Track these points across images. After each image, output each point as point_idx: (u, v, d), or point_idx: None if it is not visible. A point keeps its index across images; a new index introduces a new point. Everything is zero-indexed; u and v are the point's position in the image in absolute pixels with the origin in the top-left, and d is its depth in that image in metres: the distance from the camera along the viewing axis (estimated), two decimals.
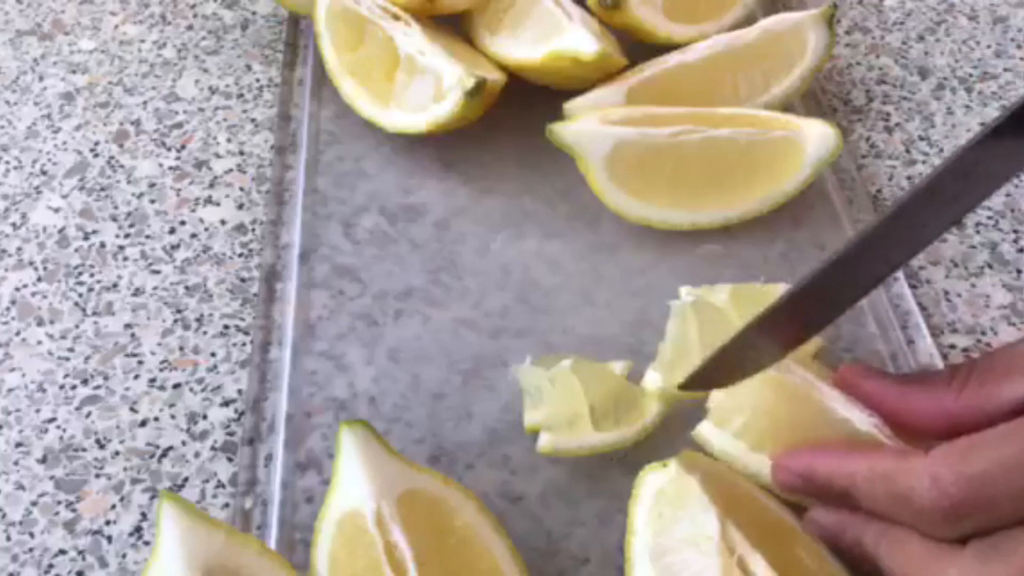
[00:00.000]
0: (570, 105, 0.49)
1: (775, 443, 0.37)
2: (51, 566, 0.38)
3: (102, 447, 0.41)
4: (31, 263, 0.48)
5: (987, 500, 0.29)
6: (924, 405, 0.34)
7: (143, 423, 0.42)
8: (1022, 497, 0.29)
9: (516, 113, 0.51)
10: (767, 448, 0.37)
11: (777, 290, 0.41)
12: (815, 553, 0.35)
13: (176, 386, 0.43)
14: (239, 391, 0.43)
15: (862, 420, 0.36)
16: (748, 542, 0.33)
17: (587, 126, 0.46)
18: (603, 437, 0.39)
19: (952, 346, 0.45)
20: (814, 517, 0.36)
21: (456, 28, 0.54)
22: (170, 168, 0.52)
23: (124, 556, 0.38)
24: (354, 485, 0.35)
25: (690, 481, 0.35)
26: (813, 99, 0.55)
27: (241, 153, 0.53)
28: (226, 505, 0.40)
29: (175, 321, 0.45)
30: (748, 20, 0.54)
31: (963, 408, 0.33)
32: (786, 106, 0.51)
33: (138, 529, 0.39)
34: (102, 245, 0.48)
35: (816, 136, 0.47)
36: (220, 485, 0.40)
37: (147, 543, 0.39)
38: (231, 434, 0.42)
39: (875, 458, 0.33)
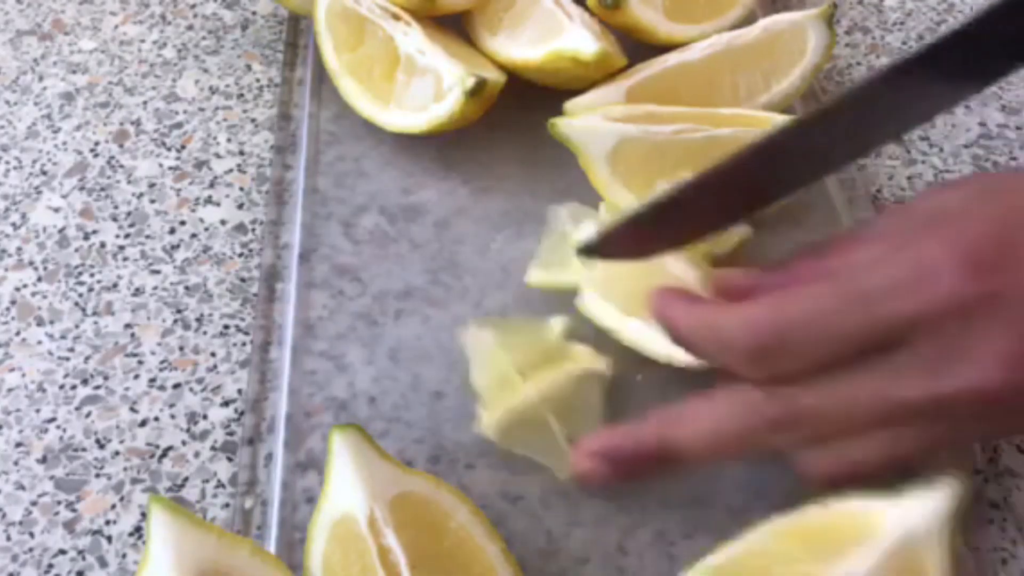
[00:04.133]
0: (570, 105, 0.49)
1: (618, 292, 0.40)
2: (51, 566, 0.38)
3: (102, 447, 0.41)
4: (31, 263, 0.48)
5: (790, 343, 0.33)
6: (775, 284, 0.37)
7: (143, 423, 0.42)
8: (817, 344, 0.33)
9: (516, 113, 0.51)
10: (614, 301, 0.40)
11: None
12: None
13: (176, 386, 0.43)
14: (239, 391, 0.43)
15: (685, 273, 0.39)
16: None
17: (590, 122, 0.46)
18: (534, 389, 0.40)
19: None
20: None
21: (456, 28, 0.54)
22: (170, 168, 0.52)
23: (124, 556, 0.38)
24: (346, 489, 0.35)
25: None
26: (813, 99, 0.55)
27: (241, 153, 0.53)
28: (226, 505, 0.40)
29: (175, 321, 0.45)
30: (748, 20, 0.54)
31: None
32: (786, 106, 0.51)
33: (138, 529, 0.39)
34: (102, 245, 0.48)
35: None
36: (220, 485, 0.40)
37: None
38: (231, 434, 0.42)
39: (705, 306, 0.36)
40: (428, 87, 0.49)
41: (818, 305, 0.33)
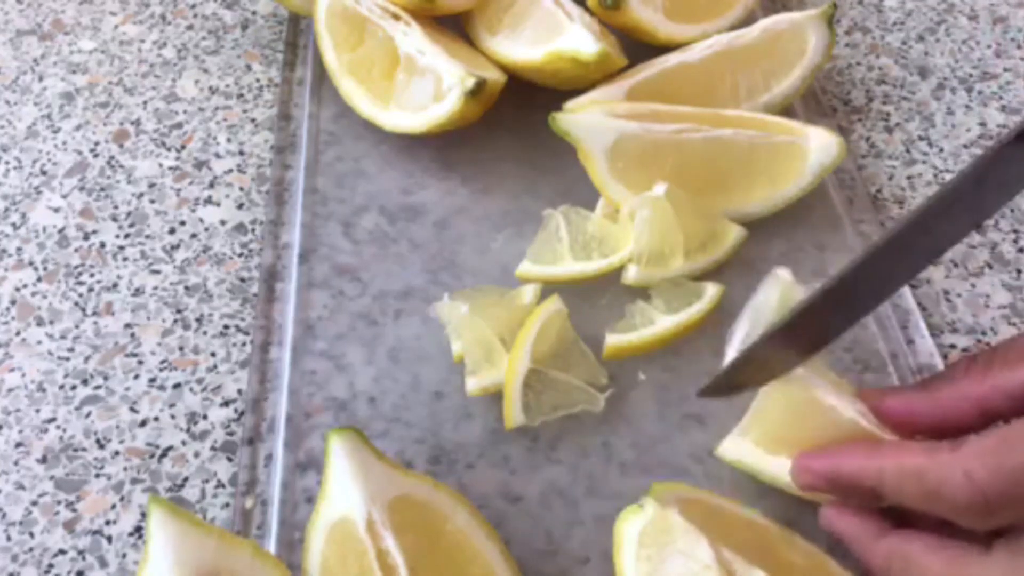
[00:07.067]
0: (571, 104, 0.49)
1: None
2: (51, 566, 0.38)
3: (102, 447, 0.41)
4: (31, 263, 0.48)
5: (1022, 494, 0.29)
6: (952, 398, 0.34)
7: (143, 423, 0.42)
8: None
9: (516, 113, 0.51)
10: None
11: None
12: (804, 551, 0.35)
13: (176, 386, 0.43)
14: (239, 391, 0.43)
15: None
16: (743, 560, 0.32)
17: (591, 117, 0.46)
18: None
19: (952, 346, 0.45)
20: (828, 519, 0.35)
21: (456, 28, 0.54)
22: (170, 168, 0.52)
23: (124, 556, 0.38)
24: (344, 492, 0.35)
25: (670, 515, 0.34)
26: (813, 99, 0.55)
27: (241, 153, 0.53)
28: (226, 505, 0.40)
29: (175, 321, 0.45)
30: (748, 20, 0.54)
31: (991, 391, 0.33)
32: (786, 106, 0.51)
33: (138, 529, 0.39)
34: (102, 245, 0.48)
35: (819, 144, 0.47)
36: (220, 485, 0.40)
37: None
38: (231, 434, 0.42)
39: (904, 455, 0.32)
40: (428, 87, 0.49)
41: None
